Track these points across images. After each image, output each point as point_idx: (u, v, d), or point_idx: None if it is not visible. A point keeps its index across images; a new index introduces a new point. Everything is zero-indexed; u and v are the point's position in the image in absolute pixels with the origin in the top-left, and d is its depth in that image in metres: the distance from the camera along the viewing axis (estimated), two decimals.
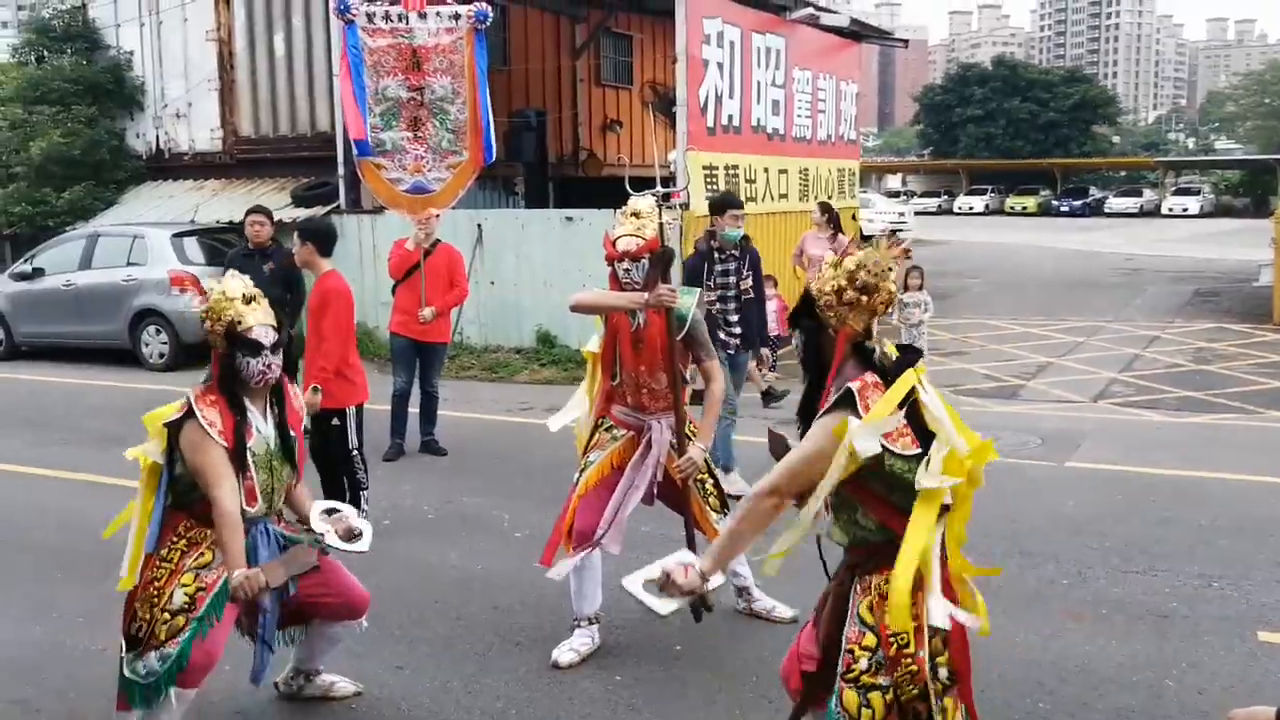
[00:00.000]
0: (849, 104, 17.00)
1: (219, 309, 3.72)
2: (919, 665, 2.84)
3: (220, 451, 3.63)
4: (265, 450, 3.77)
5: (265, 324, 3.74)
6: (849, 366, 2.92)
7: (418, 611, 5.11)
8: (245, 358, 3.69)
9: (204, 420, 3.65)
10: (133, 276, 12.76)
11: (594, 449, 4.63)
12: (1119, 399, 10.16)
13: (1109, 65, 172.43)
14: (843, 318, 2.93)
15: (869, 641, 2.90)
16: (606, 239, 4.63)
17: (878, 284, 2.91)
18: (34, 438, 9.16)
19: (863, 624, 2.93)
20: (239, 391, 3.74)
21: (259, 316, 3.75)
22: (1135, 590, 5.25)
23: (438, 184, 9.08)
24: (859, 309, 2.92)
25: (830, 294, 2.94)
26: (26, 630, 4.99)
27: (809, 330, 3.03)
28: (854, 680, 2.89)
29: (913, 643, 2.85)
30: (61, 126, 15.75)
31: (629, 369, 4.53)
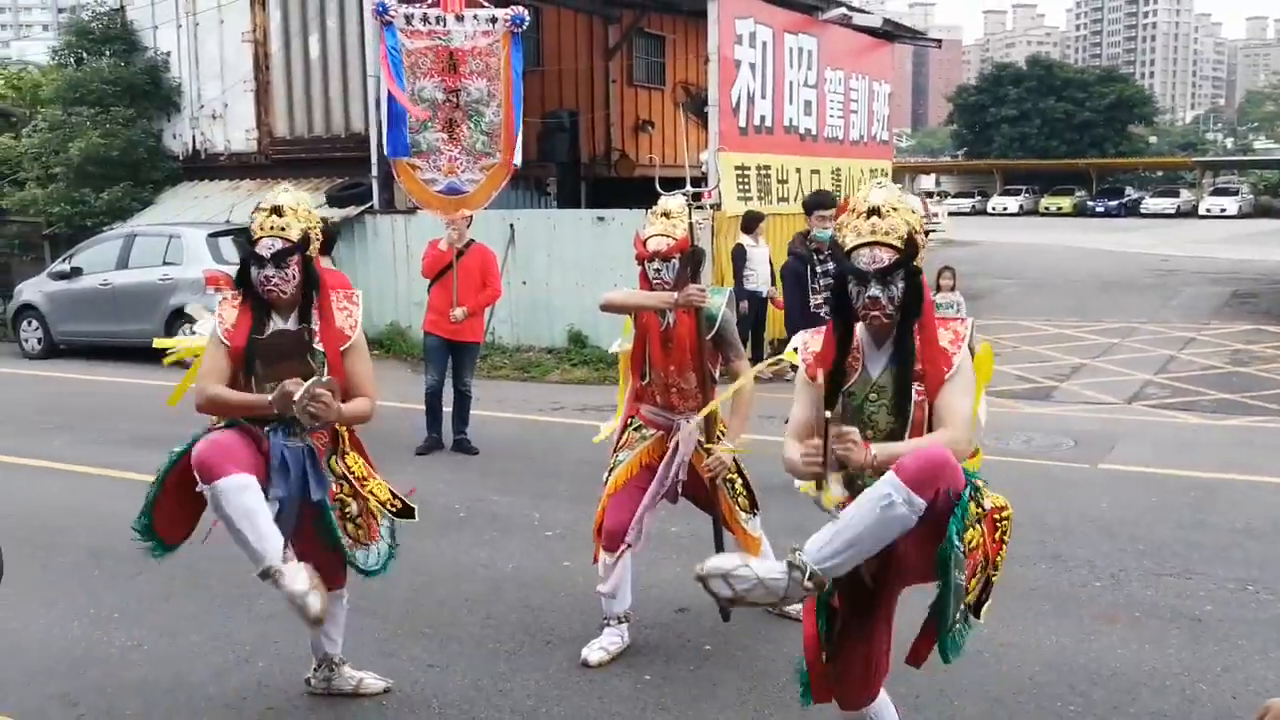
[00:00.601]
0: (881, 104, 16.93)
1: (253, 219, 3.80)
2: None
3: (217, 350, 3.76)
4: None
5: (274, 236, 3.73)
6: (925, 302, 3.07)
7: (449, 610, 5.14)
8: (252, 265, 3.77)
9: (217, 316, 3.81)
10: (168, 276, 12.93)
11: (623, 448, 4.63)
12: (1154, 401, 10.06)
13: (1146, 65, 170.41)
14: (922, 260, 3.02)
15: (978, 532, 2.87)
16: (637, 238, 4.64)
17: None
18: (71, 436, 9.29)
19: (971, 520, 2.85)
20: (253, 290, 3.80)
21: (275, 229, 3.73)
22: (1169, 594, 5.19)
23: (471, 185, 9.14)
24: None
25: (921, 232, 2.98)
26: (65, 626, 5.06)
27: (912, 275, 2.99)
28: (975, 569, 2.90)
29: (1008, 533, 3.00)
30: (100, 127, 15.94)
31: (658, 368, 4.54)
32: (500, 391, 10.47)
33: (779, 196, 13.35)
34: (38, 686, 4.41)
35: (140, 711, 4.17)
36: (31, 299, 14.27)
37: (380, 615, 4.99)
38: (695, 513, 4.77)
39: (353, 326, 3.93)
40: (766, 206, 12.46)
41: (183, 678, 4.46)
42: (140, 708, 4.21)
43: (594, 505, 4.68)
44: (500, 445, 8.54)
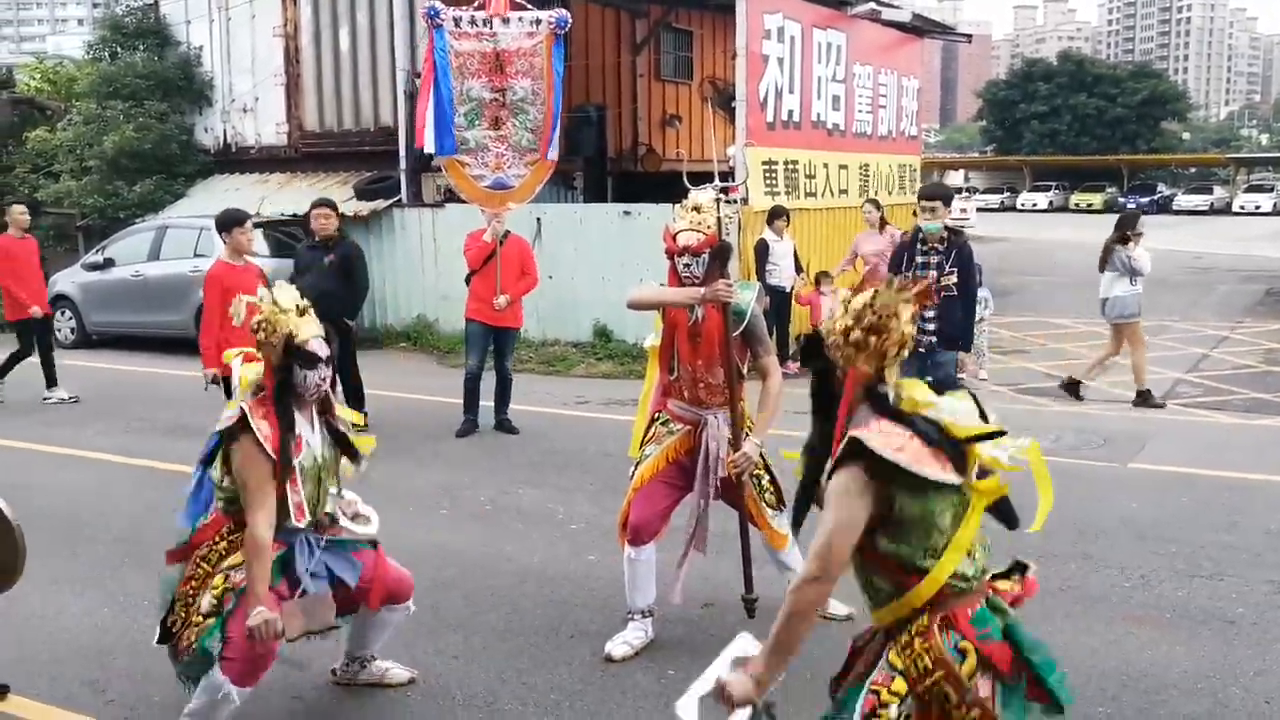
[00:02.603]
0: (910, 99, 16.82)
1: (275, 321, 3.67)
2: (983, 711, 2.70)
3: (268, 470, 3.61)
4: (313, 463, 3.77)
5: (319, 335, 3.74)
6: (861, 411, 2.77)
7: (473, 602, 5.15)
8: (303, 370, 3.68)
9: (259, 433, 3.61)
10: (199, 268, 12.99)
11: (650, 442, 4.62)
12: (1185, 399, 9.95)
13: (1179, 60, 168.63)
14: (850, 359, 2.77)
15: (899, 687, 2.73)
16: (666, 232, 4.61)
17: (885, 325, 2.73)
18: (104, 425, 9.38)
19: (892, 668, 2.76)
20: (292, 404, 3.71)
21: (312, 329, 3.74)
22: (1201, 595, 5.13)
23: (517, 180, 9.50)
24: (867, 351, 2.75)
25: (838, 334, 2.79)
26: (95, 614, 5.11)
27: (819, 371, 2.87)
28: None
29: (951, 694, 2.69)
30: (133, 121, 16.08)
31: (686, 363, 4.52)
32: (526, 385, 10.47)
33: (806, 191, 13.29)
34: (67, 673, 4.46)
35: (168, 698, 4.20)
36: (65, 289, 14.42)
37: None
38: (721, 508, 4.75)
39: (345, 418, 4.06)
40: (794, 201, 12.41)
41: None
42: (168, 695, 4.24)
43: (618, 499, 4.68)
44: (526, 439, 8.58)
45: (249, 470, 3.60)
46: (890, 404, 2.76)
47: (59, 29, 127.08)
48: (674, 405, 4.62)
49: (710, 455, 4.47)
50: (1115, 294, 9.73)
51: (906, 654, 2.75)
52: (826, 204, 13.72)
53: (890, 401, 2.76)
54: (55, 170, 16.99)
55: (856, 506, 2.66)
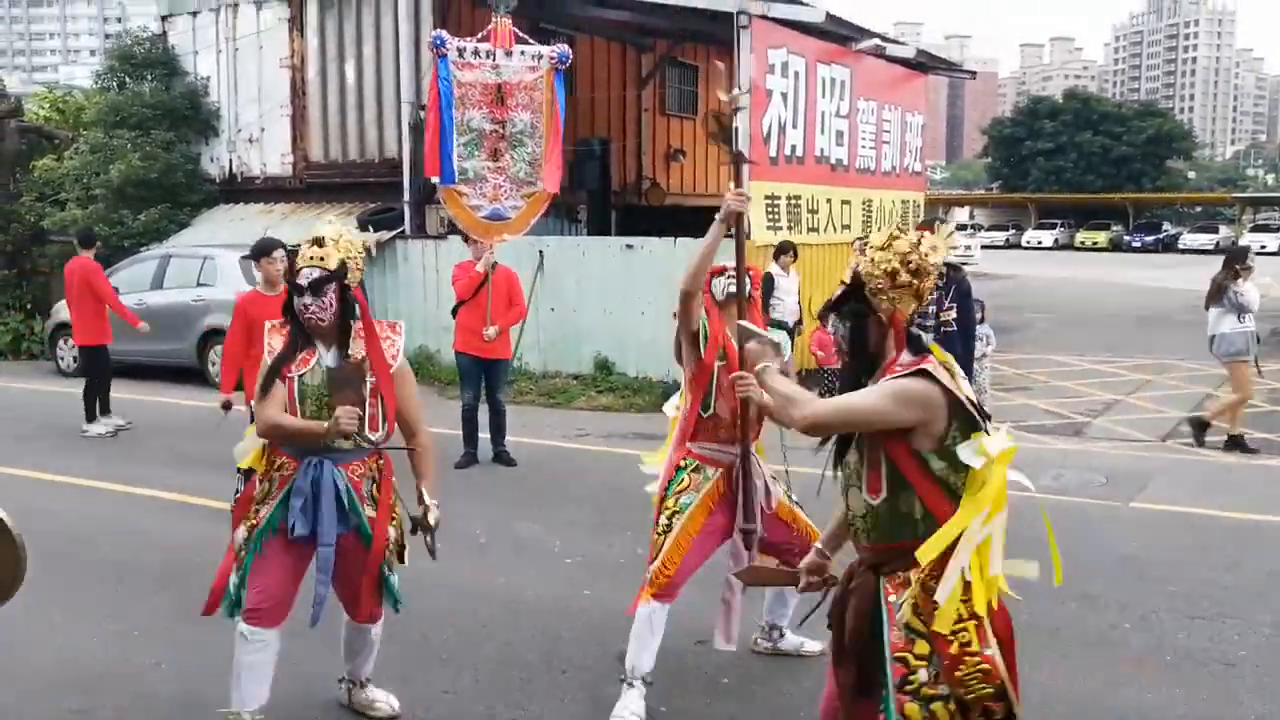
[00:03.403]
0: (914, 135, 16.88)
1: (299, 248, 3.93)
2: (990, 663, 2.72)
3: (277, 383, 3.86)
4: (318, 383, 3.85)
5: (313, 266, 3.82)
6: (905, 357, 2.84)
7: (465, 636, 5.11)
8: (295, 296, 3.85)
9: (268, 346, 3.93)
10: (202, 297, 13.05)
11: (685, 491, 4.33)
12: (1188, 439, 9.89)
13: (1185, 99, 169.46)
14: (894, 301, 2.83)
15: (921, 649, 2.76)
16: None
17: (929, 267, 2.82)
18: (103, 453, 9.37)
19: (910, 630, 2.79)
20: (298, 325, 3.90)
21: (313, 256, 3.84)
22: (1202, 638, 5.07)
23: (514, 211, 9.55)
24: (909, 293, 2.82)
25: (882, 276, 2.82)
26: (85, 642, 5.07)
27: (858, 315, 2.89)
28: (914, 692, 2.76)
29: (975, 640, 2.73)
30: (140, 150, 16.15)
31: (725, 398, 4.26)
32: (526, 417, 10.46)
33: (809, 226, 13.31)
34: (55, 702, 4.42)
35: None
36: (69, 318, 14.42)
37: (398, 640, 4.95)
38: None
39: (394, 355, 3.98)
40: (796, 236, 12.42)
41: (200, 696, 4.45)
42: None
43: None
44: (524, 471, 8.54)
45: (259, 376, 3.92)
46: (926, 346, 2.84)
47: (70, 59, 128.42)
48: (703, 449, 4.37)
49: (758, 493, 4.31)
50: (1222, 330, 9.53)
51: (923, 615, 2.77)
52: (829, 239, 13.73)
53: (919, 342, 2.84)
54: (62, 198, 17.06)
55: (903, 411, 2.74)
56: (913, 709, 2.76)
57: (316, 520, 3.80)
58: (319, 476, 3.81)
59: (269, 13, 16.20)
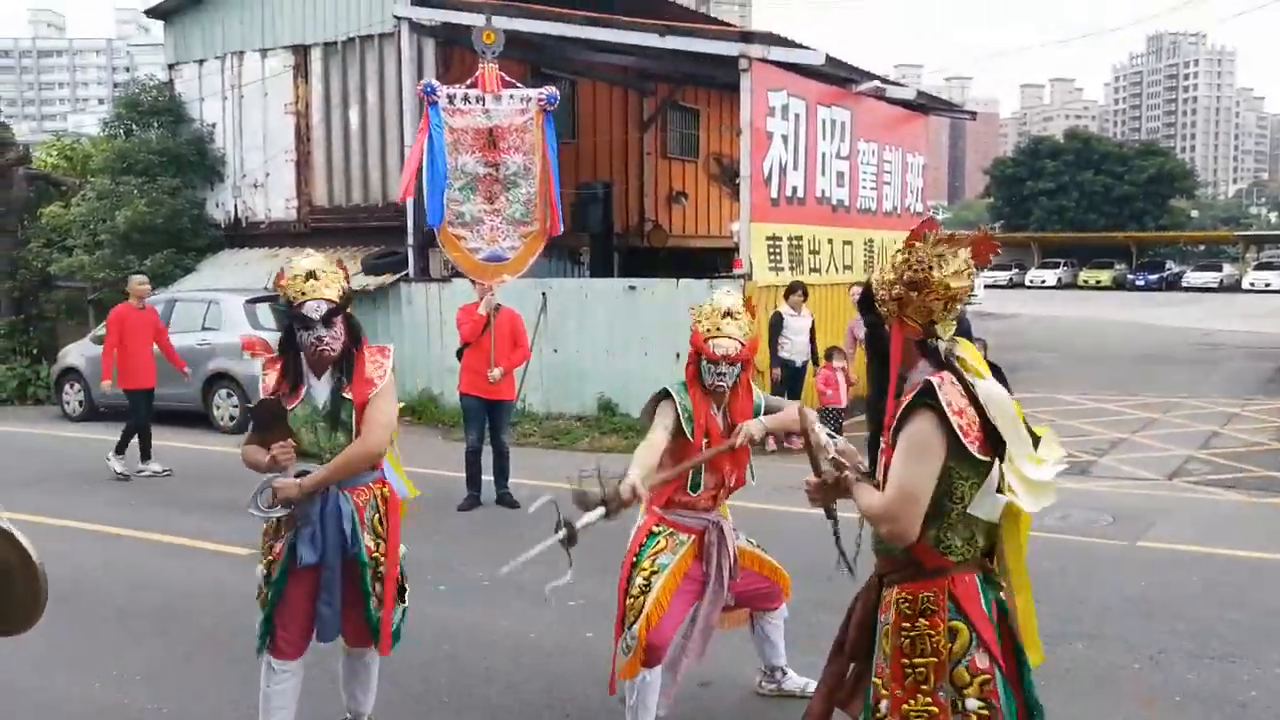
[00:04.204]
0: (915, 176, 16.98)
1: (286, 287, 3.98)
2: (939, 707, 2.71)
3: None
4: (309, 412, 3.95)
5: (318, 299, 3.90)
6: (921, 365, 2.80)
7: (468, 678, 5.07)
8: (300, 330, 3.92)
9: (262, 383, 4.02)
10: (207, 341, 13.10)
11: (662, 552, 4.31)
12: (1195, 477, 9.84)
13: (1186, 138, 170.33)
14: (893, 313, 2.82)
15: (886, 678, 2.79)
16: (696, 335, 4.31)
17: (925, 278, 2.75)
18: (109, 497, 9.36)
19: (882, 653, 2.82)
20: (300, 358, 3.97)
21: (315, 292, 3.92)
22: (1211, 678, 5.01)
23: (511, 252, 9.67)
24: (911, 305, 2.78)
25: (884, 288, 2.83)
26: (86, 685, 5.04)
27: (871, 325, 2.92)
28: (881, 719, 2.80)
29: (931, 678, 2.72)
30: (146, 196, 16.28)
31: (716, 473, 4.30)
32: (530, 459, 10.43)
33: (810, 267, 13.35)
34: None
35: None
36: (75, 362, 14.49)
37: (400, 682, 4.92)
38: None
39: (381, 376, 4.07)
40: (798, 276, 12.46)
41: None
42: None
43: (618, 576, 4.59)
44: (527, 513, 8.48)
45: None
46: (944, 358, 2.78)
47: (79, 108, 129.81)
48: (679, 517, 4.35)
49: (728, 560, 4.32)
50: None
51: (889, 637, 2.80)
52: (830, 280, 13.77)
53: (943, 356, 2.78)
54: (69, 245, 17.18)
55: (935, 451, 2.69)
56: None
57: (325, 545, 3.90)
58: (325, 503, 3.92)
59: (274, 60, 16.40)
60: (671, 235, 19.56)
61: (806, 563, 6.47)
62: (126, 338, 10.30)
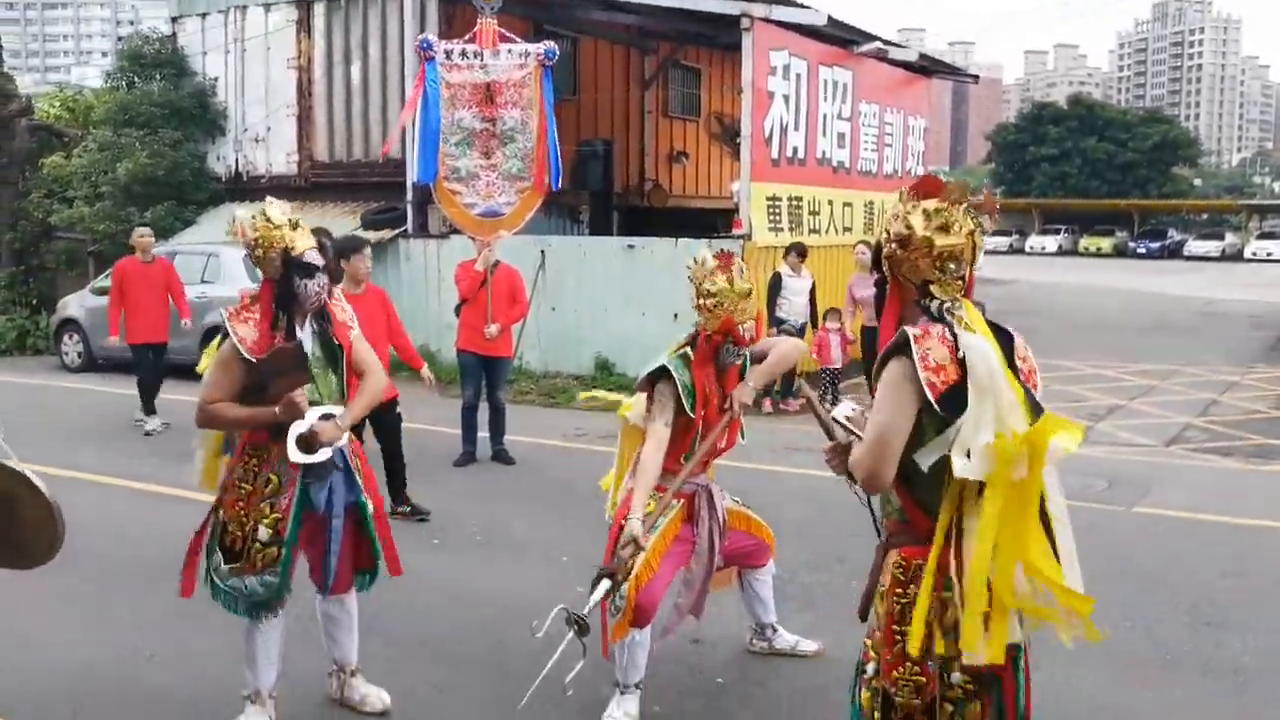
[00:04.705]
0: (916, 139, 16.85)
1: (271, 237, 3.82)
2: (926, 676, 2.66)
3: (237, 373, 3.81)
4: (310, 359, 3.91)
5: (313, 247, 3.87)
6: (917, 319, 2.73)
7: (460, 633, 5.08)
8: (303, 280, 3.81)
9: (236, 337, 3.80)
10: (205, 294, 13.03)
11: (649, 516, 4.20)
12: (1193, 444, 9.85)
13: (1191, 107, 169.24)
14: (889, 272, 2.79)
15: (878, 641, 2.76)
16: (729, 320, 4.17)
17: (908, 235, 2.69)
18: (102, 448, 9.35)
19: (877, 617, 2.78)
20: (294, 314, 3.86)
21: (307, 240, 3.88)
22: (1205, 643, 5.02)
23: (507, 208, 9.62)
24: (904, 264, 2.73)
25: (883, 246, 2.81)
26: (78, 634, 5.06)
27: (878, 284, 2.90)
28: (867, 681, 2.78)
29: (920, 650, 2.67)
30: (148, 149, 16.21)
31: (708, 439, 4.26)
32: (526, 416, 10.43)
33: (810, 228, 13.29)
34: (47, 692, 4.41)
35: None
36: (74, 313, 14.47)
37: (390, 635, 4.94)
38: None
39: (351, 318, 4.10)
40: (797, 238, 12.39)
41: (192, 690, 4.45)
42: (151, 717, 4.18)
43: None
44: (522, 470, 8.52)
45: (219, 368, 3.84)
46: (937, 313, 2.69)
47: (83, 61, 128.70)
48: (669, 481, 4.26)
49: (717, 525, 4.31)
50: None
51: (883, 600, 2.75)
52: (830, 241, 13.70)
53: (935, 311, 2.69)
54: (70, 196, 17.10)
55: (905, 397, 2.61)
56: (865, 696, 2.78)
57: (331, 494, 3.92)
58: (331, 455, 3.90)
59: (277, 15, 16.25)
60: (672, 195, 19.45)
61: (798, 522, 6.51)
62: (129, 291, 10.21)
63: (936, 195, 2.76)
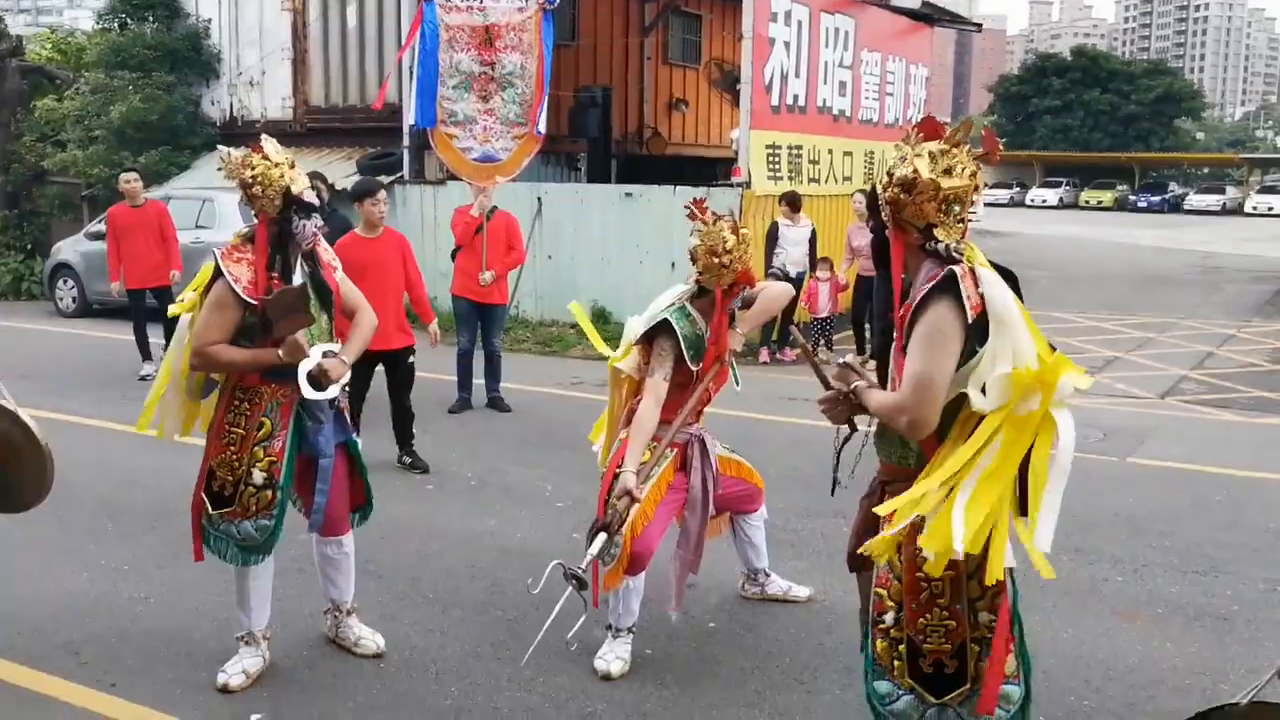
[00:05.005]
0: (918, 88, 16.66)
1: (270, 175, 3.79)
2: (957, 620, 2.67)
3: (233, 314, 3.78)
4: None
5: (309, 187, 3.87)
6: (925, 266, 2.70)
7: (454, 576, 5.10)
8: (301, 219, 3.79)
9: (230, 277, 3.76)
10: (200, 239, 12.94)
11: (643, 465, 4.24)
12: (1189, 396, 9.86)
13: (1195, 59, 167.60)
14: (891, 218, 2.74)
15: (895, 591, 2.73)
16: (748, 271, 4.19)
17: (914, 179, 2.65)
18: (97, 393, 9.33)
19: (890, 566, 2.76)
20: (290, 253, 3.85)
21: (305, 180, 3.87)
22: (1195, 592, 5.05)
23: (504, 154, 9.53)
24: (906, 208, 2.69)
25: (881, 192, 2.77)
26: (75, 578, 5.07)
27: (875, 231, 2.86)
28: (885, 631, 2.75)
29: (948, 593, 2.68)
30: (141, 92, 16.03)
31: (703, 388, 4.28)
32: (521, 364, 10.42)
33: (810, 177, 13.18)
34: (44, 634, 4.42)
35: (142, 663, 4.18)
36: (68, 258, 14.39)
37: (385, 579, 4.96)
38: None
39: (334, 257, 4.11)
40: (797, 187, 12.30)
41: (187, 632, 4.46)
42: (143, 659, 4.21)
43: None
44: (518, 417, 8.52)
45: (214, 310, 3.79)
46: (949, 256, 2.68)
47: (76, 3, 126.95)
48: (663, 431, 4.24)
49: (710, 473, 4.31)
50: None
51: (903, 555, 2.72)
52: (830, 190, 13.60)
53: (945, 255, 2.68)
54: (62, 139, 16.93)
55: (952, 336, 2.59)
56: (881, 646, 2.75)
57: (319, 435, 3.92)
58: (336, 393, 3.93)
59: None
60: (670, 143, 19.27)
61: (791, 470, 6.52)
62: (123, 238, 10.11)
63: (938, 137, 2.73)
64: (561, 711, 3.86)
